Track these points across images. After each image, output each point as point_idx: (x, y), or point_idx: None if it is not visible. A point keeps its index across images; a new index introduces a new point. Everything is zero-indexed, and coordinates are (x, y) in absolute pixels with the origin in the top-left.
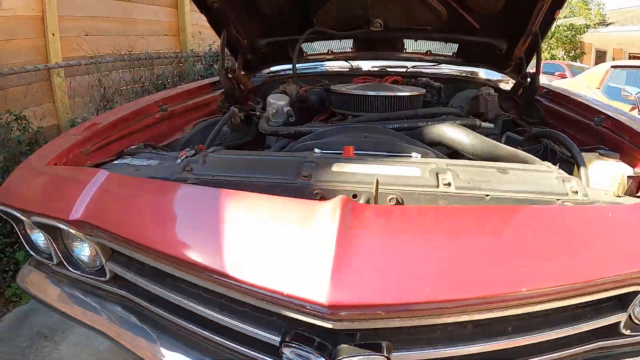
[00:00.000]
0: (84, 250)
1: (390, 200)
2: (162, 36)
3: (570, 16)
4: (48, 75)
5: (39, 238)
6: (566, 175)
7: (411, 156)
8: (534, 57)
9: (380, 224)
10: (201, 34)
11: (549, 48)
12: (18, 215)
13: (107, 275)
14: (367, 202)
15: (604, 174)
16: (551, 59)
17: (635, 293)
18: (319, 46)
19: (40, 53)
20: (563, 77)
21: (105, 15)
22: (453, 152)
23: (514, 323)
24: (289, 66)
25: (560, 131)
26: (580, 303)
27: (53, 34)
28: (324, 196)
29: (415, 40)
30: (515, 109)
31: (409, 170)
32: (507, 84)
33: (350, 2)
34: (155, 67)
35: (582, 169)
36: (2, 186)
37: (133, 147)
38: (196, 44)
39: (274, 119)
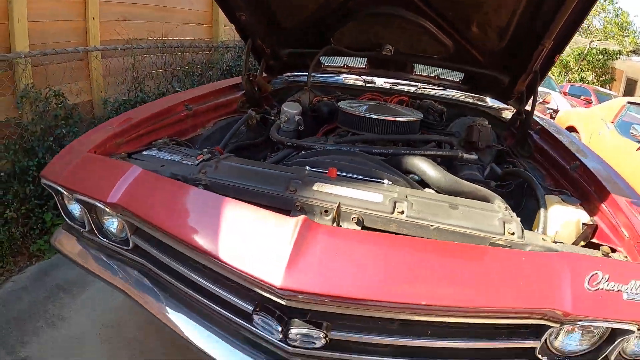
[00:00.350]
0: (113, 224)
1: (352, 218)
2: (196, 24)
3: (602, 39)
4: (86, 56)
5: (75, 209)
6: (509, 217)
7: (383, 182)
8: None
9: (326, 240)
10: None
11: (579, 70)
12: (62, 190)
13: (130, 245)
14: (334, 218)
15: (562, 218)
16: (580, 81)
17: (547, 326)
18: (337, 59)
19: (80, 35)
20: (588, 101)
21: (144, 2)
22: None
23: (433, 329)
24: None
25: (543, 169)
26: (497, 324)
27: (93, 18)
28: (302, 208)
29: (424, 65)
30: (512, 139)
31: (374, 196)
32: (511, 112)
33: (365, 28)
34: (187, 54)
35: (542, 210)
36: (48, 165)
37: (160, 140)
38: (228, 34)
39: (285, 125)
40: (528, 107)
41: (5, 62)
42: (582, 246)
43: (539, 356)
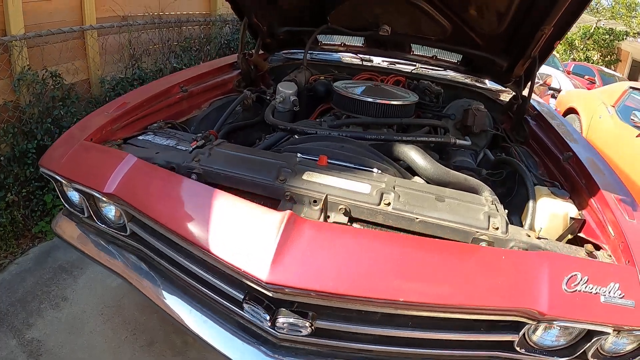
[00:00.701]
0: (111, 211)
1: (340, 209)
2: None
3: (609, 18)
4: (82, 35)
5: (74, 195)
6: (495, 211)
7: (373, 171)
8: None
9: (311, 235)
10: None
11: (584, 49)
12: (60, 179)
13: (128, 232)
14: (322, 208)
15: (550, 211)
16: (585, 60)
17: (525, 322)
18: (334, 37)
19: (75, 13)
20: (592, 81)
21: None
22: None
23: (415, 320)
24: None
25: (537, 156)
26: (476, 319)
27: None
28: (292, 197)
29: (422, 46)
30: (509, 123)
31: (362, 187)
32: (509, 95)
33: (362, 8)
34: (184, 29)
35: (531, 202)
36: (46, 153)
37: (155, 124)
38: (226, 7)
39: (280, 106)
40: (526, 91)
41: (0, 46)
42: (568, 240)
43: (517, 349)
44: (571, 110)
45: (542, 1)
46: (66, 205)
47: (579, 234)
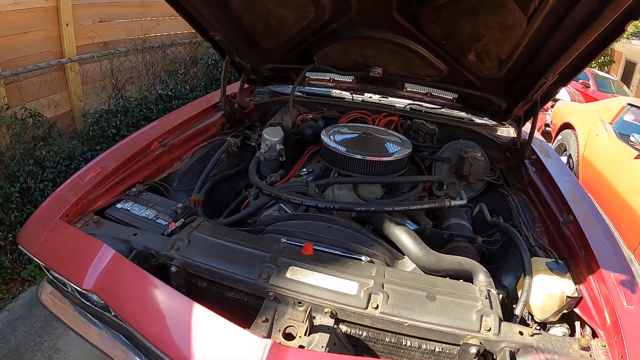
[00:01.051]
0: (94, 295)
1: (326, 312)
2: (178, 17)
3: None
4: (62, 66)
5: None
6: (488, 308)
7: (361, 259)
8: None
9: None
10: None
11: None
12: (39, 262)
13: (112, 313)
14: (308, 310)
15: (546, 289)
16: None
17: None
18: (322, 74)
19: (54, 43)
20: (586, 85)
21: (121, 0)
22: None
23: None
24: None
25: (535, 209)
26: None
27: (67, 24)
28: (276, 297)
29: (416, 84)
30: (506, 163)
31: (348, 287)
32: (507, 128)
33: (352, 49)
34: (169, 52)
35: (527, 277)
36: (24, 229)
37: (134, 189)
38: None
39: (266, 154)
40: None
41: None
42: (563, 314)
43: None
44: (567, 125)
45: (548, 50)
46: (50, 275)
47: (574, 309)
